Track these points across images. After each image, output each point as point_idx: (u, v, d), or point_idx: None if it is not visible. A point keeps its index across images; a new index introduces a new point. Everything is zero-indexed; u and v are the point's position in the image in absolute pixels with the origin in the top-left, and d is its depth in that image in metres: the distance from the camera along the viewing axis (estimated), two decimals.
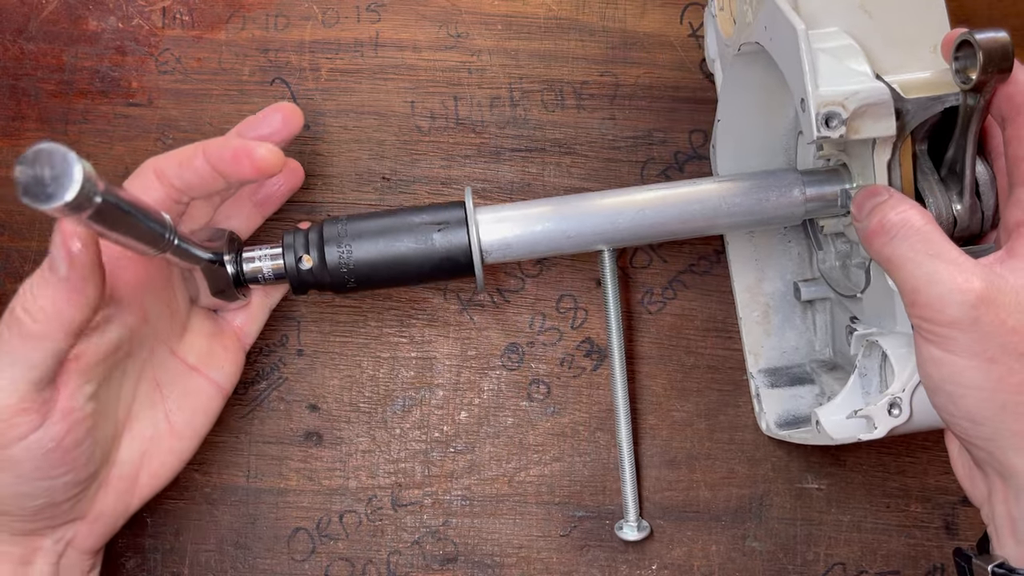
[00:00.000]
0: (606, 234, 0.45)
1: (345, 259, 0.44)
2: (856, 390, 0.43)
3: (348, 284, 0.44)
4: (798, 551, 0.51)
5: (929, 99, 0.39)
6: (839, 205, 0.44)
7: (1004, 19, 0.54)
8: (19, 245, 0.53)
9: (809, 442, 0.47)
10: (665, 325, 0.53)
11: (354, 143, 0.54)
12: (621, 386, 0.49)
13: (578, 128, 0.54)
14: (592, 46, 0.54)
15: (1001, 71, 0.36)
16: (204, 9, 0.54)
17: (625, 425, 0.49)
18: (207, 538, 0.51)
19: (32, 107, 0.53)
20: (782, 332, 0.52)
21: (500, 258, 0.45)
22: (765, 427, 0.51)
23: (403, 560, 0.51)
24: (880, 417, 0.40)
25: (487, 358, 0.53)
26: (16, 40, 0.54)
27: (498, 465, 0.52)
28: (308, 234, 0.44)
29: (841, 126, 0.37)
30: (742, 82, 0.47)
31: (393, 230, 0.44)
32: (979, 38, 0.36)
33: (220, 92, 0.53)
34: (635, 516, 0.50)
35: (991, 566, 0.37)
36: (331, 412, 0.52)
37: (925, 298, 0.36)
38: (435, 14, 0.54)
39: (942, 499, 0.52)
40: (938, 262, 0.36)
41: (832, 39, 0.39)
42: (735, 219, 0.45)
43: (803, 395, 0.51)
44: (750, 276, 0.52)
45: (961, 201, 0.40)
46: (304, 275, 0.44)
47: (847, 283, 0.47)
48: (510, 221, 0.44)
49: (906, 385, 0.40)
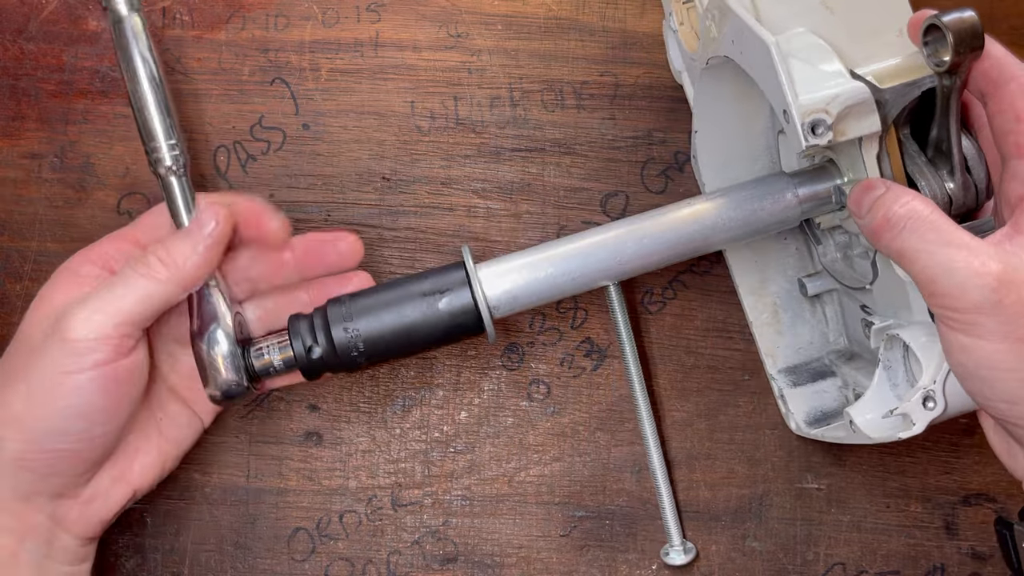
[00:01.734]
0: (610, 270, 0.45)
1: (354, 339, 0.43)
2: (884, 384, 0.42)
3: (360, 363, 0.44)
4: (798, 551, 0.51)
5: (905, 85, 0.39)
6: (833, 201, 0.44)
7: (1005, 19, 0.54)
8: (19, 245, 0.53)
9: (844, 441, 0.46)
10: (665, 325, 0.53)
11: (354, 143, 0.54)
12: (649, 423, 0.49)
13: (578, 128, 0.54)
14: (592, 46, 0.54)
15: (973, 49, 0.36)
16: (204, 9, 0.54)
17: (658, 459, 0.49)
18: (207, 538, 0.51)
19: (32, 107, 0.53)
20: (794, 329, 0.52)
21: (508, 311, 0.44)
22: (795, 427, 0.51)
23: (403, 560, 0.51)
24: (917, 413, 0.39)
25: (487, 358, 0.53)
26: (16, 40, 0.54)
27: (498, 465, 0.52)
28: (313, 319, 0.44)
29: (828, 132, 0.37)
30: (714, 93, 0.47)
31: (397, 302, 0.44)
32: (946, 20, 0.36)
33: (220, 92, 0.53)
34: (679, 539, 0.50)
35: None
36: (331, 412, 0.52)
37: (944, 287, 0.35)
38: (435, 14, 0.54)
39: (942, 499, 0.52)
40: (951, 249, 0.35)
41: (800, 41, 0.39)
42: (734, 233, 0.44)
43: (827, 389, 0.51)
44: (753, 279, 0.52)
45: (953, 179, 0.40)
46: (315, 362, 0.44)
47: (853, 274, 0.46)
48: (513, 273, 0.44)
49: (936, 376, 0.39)
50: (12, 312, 0.52)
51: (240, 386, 0.43)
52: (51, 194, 0.53)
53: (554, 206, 0.53)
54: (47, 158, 0.53)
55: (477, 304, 0.43)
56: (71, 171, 0.53)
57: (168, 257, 0.41)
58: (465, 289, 0.44)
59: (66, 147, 0.53)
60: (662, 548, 0.50)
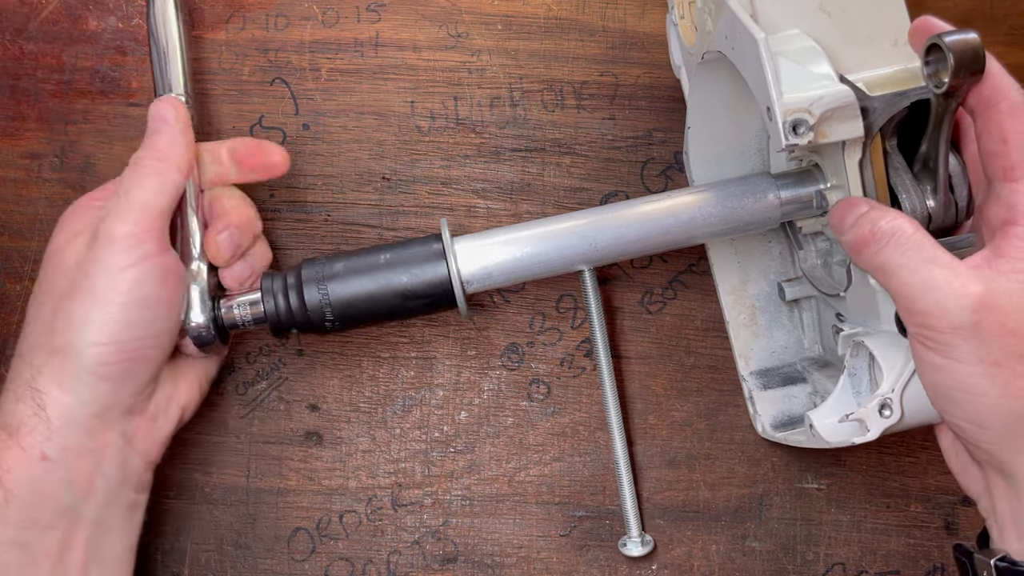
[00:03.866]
0: (586, 255, 0.45)
1: (326, 300, 0.44)
2: (847, 390, 0.42)
3: (329, 325, 0.44)
4: (798, 551, 0.51)
5: (895, 95, 0.39)
6: (815, 206, 0.44)
7: (1005, 19, 0.54)
8: (19, 245, 0.53)
9: (804, 445, 0.47)
10: (665, 325, 0.53)
11: (354, 143, 0.54)
12: (613, 407, 0.49)
13: (578, 128, 0.54)
14: (592, 46, 0.54)
15: (973, 73, 0.35)
16: (204, 9, 0.54)
17: (621, 444, 0.49)
18: (207, 538, 0.51)
19: (32, 107, 0.53)
20: (770, 333, 0.52)
21: (481, 287, 0.45)
22: (761, 429, 0.51)
23: (403, 560, 0.51)
24: (872, 419, 0.40)
25: (487, 358, 0.53)
26: (16, 40, 0.54)
27: (498, 465, 0.52)
28: (287, 277, 0.44)
29: (809, 132, 0.37)
30: (709, 89, 0.47)
31: (372, 268, 0.44)
32: (948, 41, 0.35)
33: (220, 92, 0.53)
34: (638, 531, 0.50)
35: (994, 560, 0.37)
36: (331, 412, 0.52)
37: (923, 305, 0.35)
38: (435, 14, 0.54)
39: (942, 499, 0.52)
40: (933, 267, 0.35)
41: (793, 42, 0.39)
42: (712, 228, 0.44)
43: (796, 395, 0.51)
44: (734, 279, 0.52)
45: (935, 197, 0.40)
46: (285, 321, 0.44)
47: (830, 281, 0.47)
48: (489, 249, 0.44)
49: (895, 385, 0.40)
50: (12, 312, 0.52)
51: (209, 333, 0.44)
52: (51, 194, 0.53)
53: (554, 206, 0.53)
54: (47, 158, 0.53)
55: (451, 277, 0.44)
56: (71, 171, 0.53)
57: (157, 152, 0.44)
58: (440, 261, 0.44)
59: (66, 147, 0.53)
60: (620, 539, 0.50)
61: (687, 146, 0.50)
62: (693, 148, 0.50)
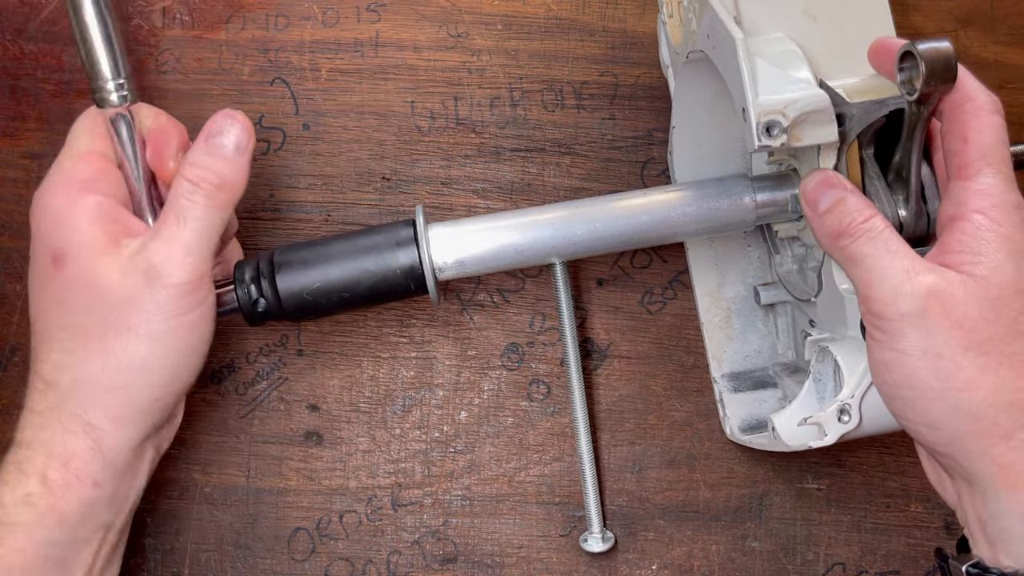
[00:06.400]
0: (559, 248, 0.44)
1: (300, 290, 0.43)
2: (811, 395, 0.43)
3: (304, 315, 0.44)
4: (798, 551, 0.51)
5: (873, 103, 0.39)
6: (790, 210, 0.44)
7: (1005, 19, 0.54)
8: (19, 245, 0.53)
9: (766, 448, 0.47)
10: (665, 325, 0.53)
11: (354, 143, 0.54)
12: (580, 399, 0.49)
13: (578, 128, 0.54)
14: (592, 46, 0.54)
15: (945, 81, 0.36)
16: (204, 9, 0.54)
17: (585, 436, 0.49)
18: (207, 538, 0.51)
19: (32, 107, 0.53)
20: (744, 336, 0.52)
21: (454, 275, 0.44)
22: (729, 432, 0.51)
23: (403, 560, 0.51)
24: (830, 424, 0.40)
25: (487, 358, 0.53)
26: (16, 40, 0.54)
27: (498, 465, 0.52)
28: (259, 264, 0.44)
29: (782, 134, 0.37)
30: (693, 88, 0.47)
31: (344, 254, 0.44)
32: (921, 49, 0.35)
33: (220, 92, 0.53)
34: (599, 527, 0.49)
35: (965, 566, 0.37)
36: (331, 412, 0.52)
37: (878, 292, 0.36)
38: (435, 14, 0.54)
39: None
40: (895, 258, 0.36)
41: (775, 45, 0.39)
42: (687, 228, 0.44)
43: (766, 399, 0.51)
44: (711, 281, 0.52)
45: (907, 207, 0.40)
46: (258, 312, 0.44)
47: (803, 287, 0.47)
48: (462, 237, 0.44)
49: (855, 391, 0.40)
50: (12, 312, 0.52)
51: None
52: None
53: None
54: (47, 158, 0.53)
55: (422, 263, 0.43)
56: None
57: (220, 180, 0.41)
58: (412, 248, 0.43)
59: None
60: (581, 535, 0.50)
61: (671, 146, 0.50)
62: (677, 148, 0.50)
